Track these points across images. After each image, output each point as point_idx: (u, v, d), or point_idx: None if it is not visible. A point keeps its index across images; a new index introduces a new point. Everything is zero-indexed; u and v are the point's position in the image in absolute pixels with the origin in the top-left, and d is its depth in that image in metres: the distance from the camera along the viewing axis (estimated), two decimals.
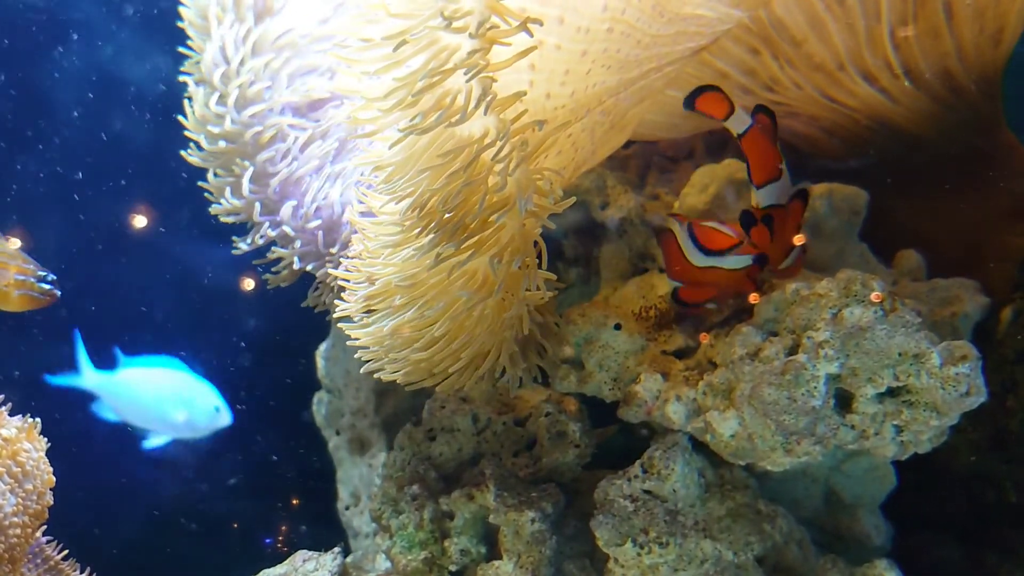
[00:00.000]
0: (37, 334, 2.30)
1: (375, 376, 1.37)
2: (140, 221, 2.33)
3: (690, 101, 1.34)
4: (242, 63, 1.61)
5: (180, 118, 1.67)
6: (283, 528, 2.43)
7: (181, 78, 1.68)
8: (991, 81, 1.57)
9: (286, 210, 1.64)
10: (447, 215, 1.10)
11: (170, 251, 2.36)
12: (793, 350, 1.30)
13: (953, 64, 1.54)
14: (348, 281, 1.39)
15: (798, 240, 1.47)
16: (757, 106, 1.36)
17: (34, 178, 2.32)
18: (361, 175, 1.47)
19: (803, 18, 1.52)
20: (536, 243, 1.20)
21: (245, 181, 1.64)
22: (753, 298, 1.38)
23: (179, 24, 1.67)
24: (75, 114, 2.34)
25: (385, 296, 1.31)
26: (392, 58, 1.02)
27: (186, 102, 1.67)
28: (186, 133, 1.67)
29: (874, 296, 1.27)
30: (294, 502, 2.45)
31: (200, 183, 1.69)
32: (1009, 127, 1.63)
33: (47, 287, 1.47)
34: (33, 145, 2.33)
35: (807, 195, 1.38)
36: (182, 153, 1.68)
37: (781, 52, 1.56)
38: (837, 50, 1.54)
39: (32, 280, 1.47)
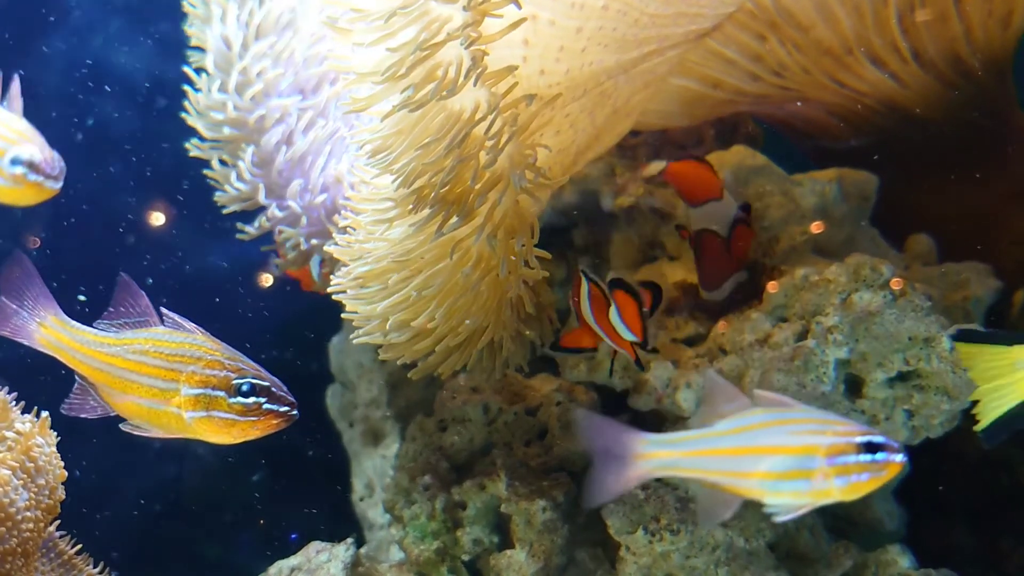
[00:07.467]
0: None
1: (381, 361, 1.36)
2: (154, 216, 2.33)
3: None
4: (245, 47, 1.58)
5: (187, 103, 1.64)
6: (298, 520, 2.44)
7: (184, 68, 1.65)
8: (1001, 64, 1.56)
9: (293, 188, 1.62)
10: (441, 190, 1.08)
11: (180, 244, 2.36)
12: (803, 336, 1.29)
13: (962, 47, 1.53)
14: (344, 256, 1.38)
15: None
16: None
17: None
18: (358, 150, 1.46)
19: (810, 3, 1.51)
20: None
21: (247, 161, 1.62)
22: (771, 287, 1.38)
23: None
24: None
25: (380, 273, 1.30)
26: (384, 29, 1.01)
27: (190, 93, 1.63)
28: (190, 121, 1.64)
29: (893, 283, 1.26)
30: (309, 494, 2.46)
31: (205, 171, 1.67)
32: (1022, 108, 1.62)
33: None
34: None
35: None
36: (187, 145, 1.66)
37: (788, 37, 1.55)
38: (845, 34, 1.53)
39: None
